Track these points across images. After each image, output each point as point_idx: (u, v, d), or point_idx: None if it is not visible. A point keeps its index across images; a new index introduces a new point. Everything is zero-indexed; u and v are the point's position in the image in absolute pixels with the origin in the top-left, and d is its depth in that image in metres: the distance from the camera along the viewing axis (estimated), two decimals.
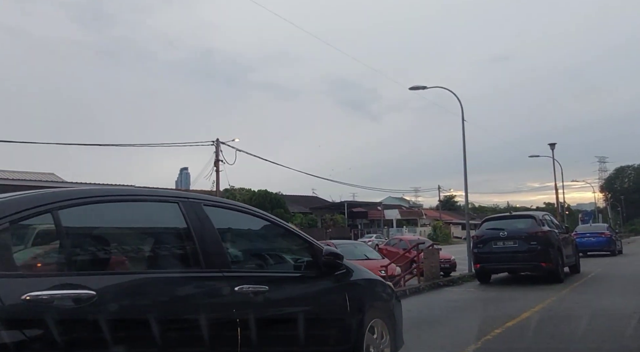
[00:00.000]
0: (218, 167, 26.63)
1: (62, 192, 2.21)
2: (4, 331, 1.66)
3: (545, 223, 11.32)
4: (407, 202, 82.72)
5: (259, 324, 2.64)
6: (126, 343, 2.01)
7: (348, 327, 3.42)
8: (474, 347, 4.82)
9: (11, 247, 1.87)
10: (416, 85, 19.23)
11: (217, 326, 2.42)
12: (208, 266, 2.54)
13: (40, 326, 1.76)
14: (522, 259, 10.76)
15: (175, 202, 2.63)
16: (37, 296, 1.78)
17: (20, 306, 1.73)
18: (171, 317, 2.24)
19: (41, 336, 1.75)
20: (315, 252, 3.34)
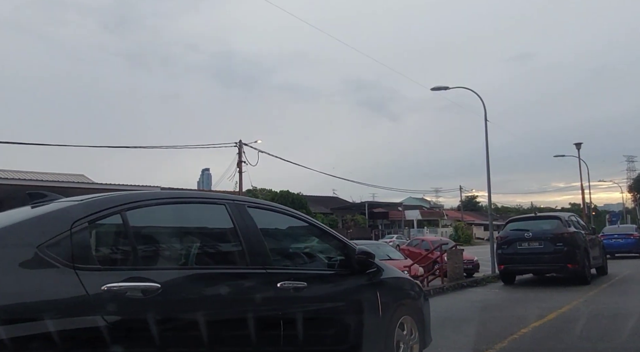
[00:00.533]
0: (241, 169, 27.08)
1: (128, 195, 2.46)
2: (89, 316, 1.91)
3: (571, 224, 11.21)
4: (427, 202, 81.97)
5: (299, 317, 2.84)
6: (185, 330, 2.24)
7: (379, 323, 3.59)
8: (500, 345, 4.92)
9: (90, 244, 2.12)
10: (438, 85, 19.22)
11: (263, 319, 2.63)
12: (253, 263, 2.75)
13: (115, 312, 2.00)
14: (547, 260, 10.70)
15: (222, 204, 2.86)
16: (113, 287, 2.02)
17: (101, 295, 1.97)
18: (223, 309, 2.47)
19: (117, 321, 1.98)
20: (348, 251, 3.52)
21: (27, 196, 2.58)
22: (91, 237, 2.13)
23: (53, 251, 1.96)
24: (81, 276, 1.97)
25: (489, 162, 18.09)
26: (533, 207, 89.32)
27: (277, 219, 3.33)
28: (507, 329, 5.67)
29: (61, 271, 1.94)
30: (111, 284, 2.02)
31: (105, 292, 1.99)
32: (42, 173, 27.10)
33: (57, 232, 2.02)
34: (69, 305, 1.90)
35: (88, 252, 2.07)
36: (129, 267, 2.21)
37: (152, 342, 2.06)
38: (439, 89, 19.35)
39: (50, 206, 2.30)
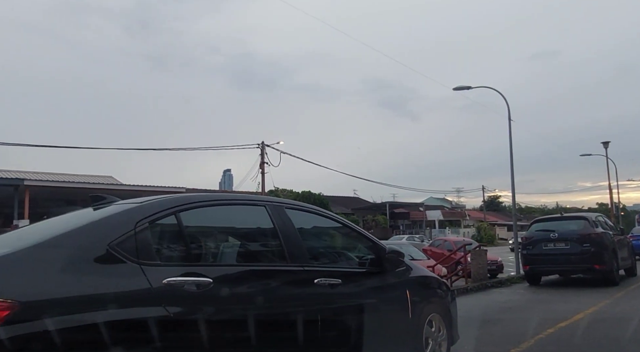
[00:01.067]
0: (263, 169, 27.46)
1: (181, 197, 2.69)
2: (153, 306, 2.13)
3: (598, 224, 11.07)
4: (449, 202, 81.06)
5: (335, 312, 3.03)
6: (233, 321, 2.46)
7: (409, 319, 3.74)
8: (526, 345, 5.00)
9: (151, 242, 2.35)
10: (460, 85, 19.14)
11: (302, 312, 2.83)
12: (292, 261, 2.95)
13: (174, 304, 2.22)
14: (574, 261, 10.59)
15: (263, 205, 3.07)
16: (172, 281, 2.25)
17: (162, 288, 2.20)
18: (267, 303, 2.68)
19: (176, 312, 2.20)
20: (378, 250, 3.69)
21: (90, 198, 2.84)
22: (151, 235, 2.37)
23: (121, 248, 2.20)
24: (145, 270, 2.20)
25: (513, 162, 17.98)
26: (558, 207, 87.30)
27: (312, 220, 3.52)
28: (533, 329, 5.72)
29: (128, 266, 2.18)
30: (171, 278, 2.25)
31: (166, 286, 2.21)
32: (74, 175, 28.10)
33: (124, 232, 2.25)
34: (136, 296, 2.13)
35: (150, 249, 2.31)
36: (185, 263, 2.43)
37: (205, 331, 2.27)
38: (461, 89, 19.27)
39: (114, 208, 2.55)
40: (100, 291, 2.04)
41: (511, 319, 6.85)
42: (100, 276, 2.09)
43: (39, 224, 2.90)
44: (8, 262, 1.92)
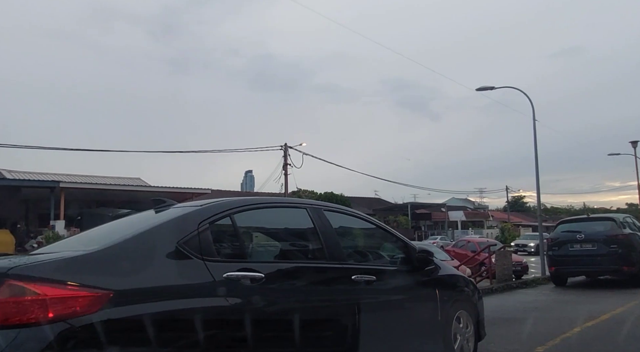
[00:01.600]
0: (287, 171, 27.83)
1: (233, 201, 3.00)
2: (215, 297, 2.44)
3: (626, 225, 10.99)
4: (472, 203, 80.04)
5: (370, 305, 3.29)
6: (281, 312, 2.74)
7: (438, 315, 3.96)
8: (552, 343, 5.14)
9: (211, 240, 2.66)
10: (483, 86, 19.10)
11: (342, 305, 3.10)
12: (331, 259, 3.22)
13: (233, 295, 2.51)
14: (601, 262, 10.55)
15: (304, 208, 3.36)
16: (231, 275, 2.55)
17: (223, 282, 2.50)
18: (311, 296, 2.96)
19: (234, 302, 2.50)
20: (409, 250, 3.93)
21: (152, 202, 3.18)
22: (211, 235, 2.67)
23: (187, 246, 2.51)
24: (208, 265, 2.51)
25: (538, 162, 17.84)
26: (585, 207, 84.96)
27: (347, 221, 3.80)
28: (559, 328, 5.85)
29: (194, 261, 2.49)
30: (230, 273, 2.55)
31: (226, 279, 2.52)
32: (104, 177, 29.12)
33: (189, 231, 2.57)
34: (201, 288, 2.43)
35: (211, 247, 2.61)
36: (240, 260, 2.73)
37: (258, 320, 2.57)
38: (484, 89, 19.22)
39: (177, 211, 2.87)
40: (173, 282, 2.36)
41: (537, 318, 6.95)
42: (172, 269, 2.41)
43: (110, 225, 3.26)
44: (101, 258, 2.25)
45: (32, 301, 1.94)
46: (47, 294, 1.96)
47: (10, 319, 1.91)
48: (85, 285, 2.06)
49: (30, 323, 1.92)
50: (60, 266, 2.12)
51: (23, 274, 2.00)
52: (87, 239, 2.75)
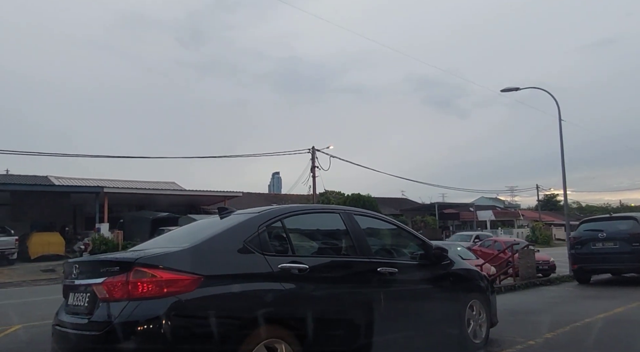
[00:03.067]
0: (314, 173, 28.59)
1: (284, 208, 3.80)
2: (274, 282, 3.22)
3: None
4: (502, 202, 78.77)
5: (393, 293, 4.01)
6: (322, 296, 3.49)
7: (453, 303, 4.64)
8: (561, 330, 5.69)
9: (268, 239, 3.44)
10: (508, 87, 19.40)
11: (370, 293, 3.84)
12: (361, 254, 3.97)
13: (286, 281, 3.29)
14: (624, 260, 10.83)
15: (338, 213, 4.13)
16: (284, 266, 3.33)
17: (278, 271, 3.28)
18: (346, 283, 3.71)
19: (287, 287, 3.27)
20: (426, 247, 4.63)
21: (218, 210, 4.00)
22: (267, 235, 3.46)
23: (251, 243, 3.30)
24: (267, 259, 3.29)
25: (564, 161, 17.97)
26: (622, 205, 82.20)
27: (374, 223, 4.54)
28: (571, 319, 6.37)
29: (256, 255, 3.27)
30: (283, 264, 3.33)
31: (281, 269, 3.30)
32: (142, 181, 30.74)
33: (252, 232, 3.36)
34: (262, 275, 3.22)
35: (268, 244, 3.40)
36: (290, 255, 3.51)
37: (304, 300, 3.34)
38: (509, 90, 19.50)
39: (240, 217, 3.67)
40: (243, 271, 3.15)
41: (553, 311, 7.45)
42: (241, 261, 3.20)
43: (187, 228, 4.12)
44: (193, 252, 3.07)
45: (153, 281, 2.78)
46: (163, 276, 2.79)
47: (139, 292, 2.75)
48: (186, 271, 2.88)
49: (152, 296, 2.75)
50: (168, 258, 2.95)
51: (145, 263, 2.84)
52: (178, 238, 3.60)
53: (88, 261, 3.42)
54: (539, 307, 7.94)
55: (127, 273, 2.81)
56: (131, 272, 2.80)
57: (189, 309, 2.81)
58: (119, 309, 2.75)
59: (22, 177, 28.53)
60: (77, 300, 3.14)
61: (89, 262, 3.38)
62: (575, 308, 7.60)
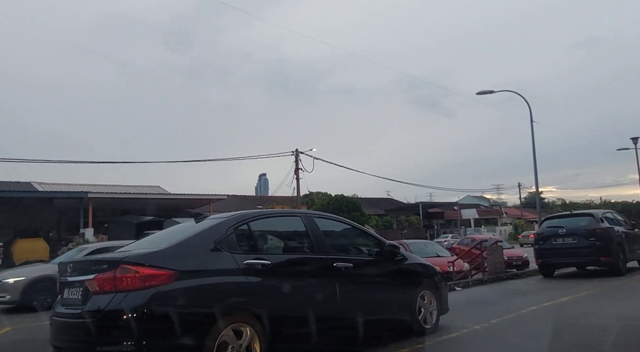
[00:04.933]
0: (298, 176, 29.15)
1: (249, 212, 4.39)
2: (239, 276, 3.80)
3: (604, 220, 12.04)
4: (487, 200, 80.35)
5: (348, 286, 4.62)
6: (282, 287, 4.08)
7: (405, 293, 5.27)
8: (507, 316, 6.36)
9: (235, 240, 4.02)
10: (483, 90, 20.43)
11: (326, 285, 4.44)
12: (319, 252, 4.57)
13: (251, 275, 3.87)
14: (582, 254, 11.64)
15: (298, 216, 4.74)
16: (249, 262, 3.91)
17: (244, 267, 3.86)
18: (304, 277, 4.31)
19: (252, 280, 3.86)
20: (381, 245, 5.26)
21: (193, 216, 4.56)
22: (234, 237, 4.04)
23: (221, 244, 3.88)
24: (234, 256, 3.87)
25: (536, 161, 18.97)
26: (602, 202, 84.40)
27: (333, 225, 5.16)
28: (520, 307, 7.08)
29: (225, 254, 3.85)
30: (248, 261, 3.91)
31: (246, 265, 3.88)
32: (126, 186, 30.94)
33: (222, 234, 3.94)
34: (230, 270, 3.79)
35: (235, 244, 3.98)
36: (254, 253, 4.09)
37: (267, 291, 3.93)
38: (484, 93, 20.50)
39: (212, 221, 4.24)
40: (214, 267, 3.73)
41: (508, 301, 8.16)
42: (212, 258, 3.78)
43: (166, 231, 4.68)
44: (170, 251, 3.64)
45: (136, 276, 3.34)
46: (144, 272, 3.36)
47: (125, 286, 3.31)
48: (163, 267, 3.45)
49: (136, 288, 3.31)
50: (149, 256, 3.52)
51: (130, 261, 3.41)
52: (158, 240, 4.16)
53: (81, 261, 3.97)
54: (497, 298, 8.66)
55: (114, 270, 3.37)
56: (118, 269, 3.36)
57: (167, 298, 3.38)
58: (107, 299, 3.31)
59: (4, 184, 28.51)
60: (71, 294, 3.68)
61: (81, 261, 3.93)
62: (528, 298, 8.32)
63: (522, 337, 5.14)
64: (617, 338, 4.77)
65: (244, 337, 3.66)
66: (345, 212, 34.73)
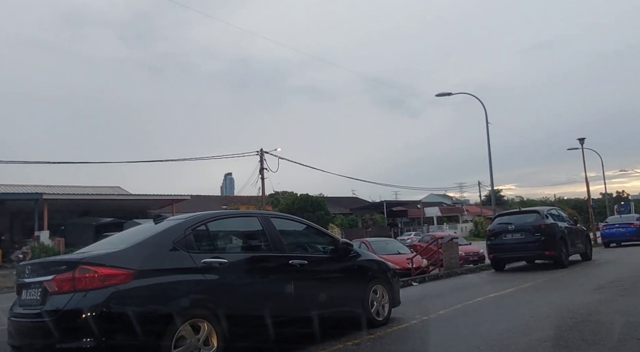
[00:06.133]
0: (263, 176, 29.21)
1: (208, 213, 4.58)
2: (197, 274, 3.99)
3: (549, 217, 12.91)
4: (450, 199, 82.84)
5: (303, 282, 4.89)
6: (239, 283, 4.31)
7: (358, 288, 5.60)
8: (454, 307, 6.83)
9: (193, 240, 4.20)
10: (442, 92, 21.31)
11: (282, 281, 4.69)
12: (274, 250, 4.81)
13: (208, 273, 4.07)
14: (528, 248, 12.45)
15: (255, 216, 4.97)
16: (206, 261, 4.10)
17: (202, 265, 4.05)
18: (260, 273, 4.55)
19: (210, 278, 4.05)
20: (335, 243, 5.57)
21: (153, 217, 4.70)
22: (193, 237, 4.23)
23: (179, 243, 4.05)
24: (192, 255, 4.06)
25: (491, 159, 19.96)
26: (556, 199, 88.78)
27: (289, 224, 5.43)
28: (467, 298, 7.58)
29: (183, 253, 4.03)
30: (206, 259, 4.11)
31: (204, 263, 4.08)
32: (85, 187, 30.02)
33: (180, 234, 4.12)
34: (188, 269, 3.98)
35: (193, 244, 4.16)
36: (212, 252, 4.29)
37: (224, 288, 4.14)
38: (442, 95, 21.35)
39: (171, 222, 4.40)
40: (172, 266, 3.91)
41: (458, 293, 8.68)
42: (170, 258, 3.95)
43: (125, 232, 4.79)
44: (128, 252, 3.78)
45: (94, 276, 3.47)
46: (103, 272, 3.50)
47: (83, 285, 3.45)
48: (122, 267, 3.60)
49: (95, 288, 3.45)
50: (108, 257, 3.66)
51: (88, 262, 3.54)
52: (117, 241, 4.28)
53: (39, 262, 4.04)
54: (448, 292, 9.18)
55: (73, 270, 3.49)
56: (76, 269, 3.49)
57: (126, 296, 3.53)
58: (66, 299, 3.43)
59: None
60: (29, 295, 3.76)
61: (40, 263, 4.00)
62: (476, 291, 8.87)
63: (464, 325, 5.57)
64: (544, 322, 5.28)
65: (202, 332, 3.86)
66: (310, 211, 35.07)
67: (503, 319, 5.73)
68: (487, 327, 5.27)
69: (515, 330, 4.94)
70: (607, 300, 6.61)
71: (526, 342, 4.38)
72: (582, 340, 4.33)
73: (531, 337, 4.57)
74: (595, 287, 8.02)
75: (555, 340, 4.37)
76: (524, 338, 4.55)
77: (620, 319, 5.19)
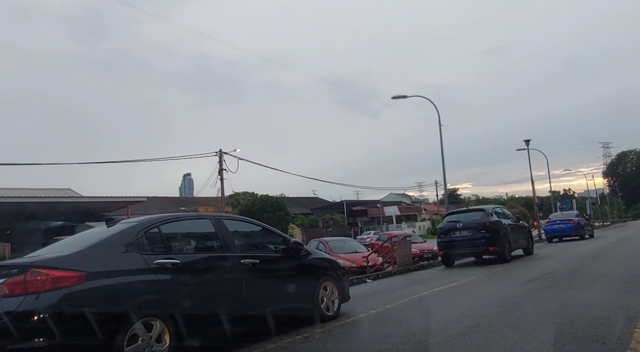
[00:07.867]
0: (222, 177, 29.00)
1: (161, 216, 4.74)
2: (149, 274, 4.16)
3: (493, 214, 13.78)
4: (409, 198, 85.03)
5: (254, 280, 5.14)
6: (191, 282, 4.50)
7: (308, 285, 5.91)
8: (400, 301, 7.29)
9: (146, 242, 4.36)
10: (397, 95, 22.07)
11: (233, 280, 4.92)
12: (227, 250, 5.04)
13: (161, 273, 4.25)
14: (475, 245, 13.23)
15: (208, 218, 5.17)
16: (159, 262, 4.28)
17: (154, 266, 4.22)
18: (211, 273, 4.76)
19: (162, 278, 4.23)
20: (287, 242, 5.85)
21: (105, 220, 4.81)
22: (145, 239, 4.38)
23: (132, 246, 4.20)
24: (145, 257, 4.22)
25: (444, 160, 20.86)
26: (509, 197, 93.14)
27: (242, 226, 5.67)
28: (414, 293, 8.08)
29: (136, 255, 4.18)
30: (158, 261, 4.28)
31: (156, 264, 4.25)
32: (33, 189, 28.69)
33: (132, 237, 4.27)
34: (141, 270, 4.14)
35: (146, 246, 4.32)
36: (165, 253, 4.46)
37: (177, 287, 4.33)
38: (398, 98, 22.09)
39: (123, 225, 4.53)
40: (125, 267, 4.06)
41: (406, 289, 9.18)
42: (123, 260, 4.10)
43: (78, 236, 4.86)
44: (81, 254, 3.90)
45: (46, 278, 3.58)
46: (55, 275, 3.61)
47: (35, 288, 3.55)
48: (74, 269, 3.72)
49: (46, 290, 3.56)
50: (59, 260, 3.77)
51: (40, 265, 3.64)
52: (69, 244, 4.37)
53: None
54: (398, 287, 9.68)
55: (24, 274, 3.58)
56: (28, 272, 3.58)
57: (78, 298, 3.67)
58: (18, 301, 3.52)
59: None
60: None
61: None
62: (424, 285, 9.42)
63: (406, 317, 6.02)
64: (477, 311, 5.80)
65: (154, 330, 4.04)
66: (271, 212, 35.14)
67: (441, 310, 6.22)
68: (425, 318, 5.72)
69: (450, 319, 5.42)
70: (535, 290, 7.27)
71: (458, 329, 4.84)
72: (506, 325, 4.84)
73: (462, 324, 5.05)
74: (529, 279, 8.73)
75: (482, 326, 4.87)
76: (456, 325, 5.02)
77: (542, 307, 5.80)
